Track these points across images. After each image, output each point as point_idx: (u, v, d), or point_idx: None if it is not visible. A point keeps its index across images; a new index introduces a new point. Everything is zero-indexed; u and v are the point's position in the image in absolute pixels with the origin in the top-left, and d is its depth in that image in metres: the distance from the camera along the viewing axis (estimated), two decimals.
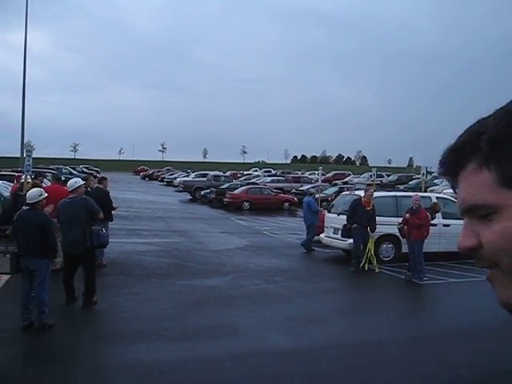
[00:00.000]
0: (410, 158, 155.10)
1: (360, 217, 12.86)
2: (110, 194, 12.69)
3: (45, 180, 16.92)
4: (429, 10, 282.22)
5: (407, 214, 12.24)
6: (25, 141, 22.49)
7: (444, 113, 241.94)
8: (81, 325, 7.98)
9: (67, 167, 51.11)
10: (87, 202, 9.02)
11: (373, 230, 13.05)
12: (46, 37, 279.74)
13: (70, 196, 9.10)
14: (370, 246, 13.00)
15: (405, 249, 13.67)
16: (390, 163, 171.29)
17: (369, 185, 19.69)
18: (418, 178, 43.07)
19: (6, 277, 9.67)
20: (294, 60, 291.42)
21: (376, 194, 15.10)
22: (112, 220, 12.35)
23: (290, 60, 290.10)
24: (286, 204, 32.47)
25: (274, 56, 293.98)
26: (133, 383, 5.83)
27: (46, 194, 8.07)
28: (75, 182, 9.30)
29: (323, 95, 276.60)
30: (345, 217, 13.81)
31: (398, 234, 13.72)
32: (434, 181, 52.48)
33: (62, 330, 7.55)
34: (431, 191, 34.88)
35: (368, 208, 12.92)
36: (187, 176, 53.53)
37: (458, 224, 14.35)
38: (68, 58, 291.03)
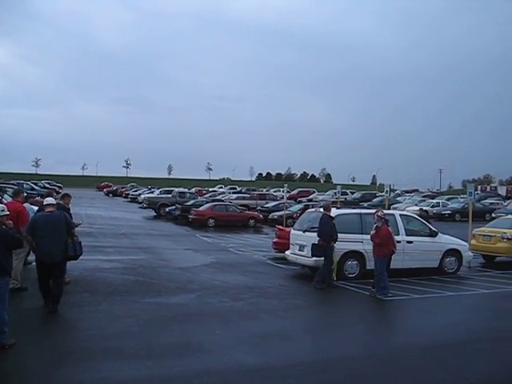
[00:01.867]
0: (374, 175, 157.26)
1: (335, 233, 13.04)
2: (72, 211, 12.47)
3: (5, 196, 16.58)
4: (389, 29, 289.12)
5: (371, 231, 12.43)
6: None
7: (405, 131, 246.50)
8: (43, 344, 7.76)
9: (29, 182, 50.13)
10: (66, 216, 9.86)
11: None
12: (8, 48, 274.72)
13: (48, 210, 9.68)
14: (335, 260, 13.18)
15: (370, 265, 13.85)
16: (353, 181, 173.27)
17: (333, 202, 19.85)
18: (382, 196, 43.89)
19: None
20: (264, 79, 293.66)
21: (341, 211, 15.30)
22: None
23: (260, 79, 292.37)
24: (252, 221, 32.55)
25: (244, 75, 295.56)
26: None
27: (8, 212, 7.88)
28: (52, 199, 10.13)
29: (290, 114, 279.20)
30: (311, 234, 13.90)
31: (363, 251, 13.93)
32: (397, 198, 53.55)
33: (22, 349, 7.33)
34: (394, 208, 35.59)
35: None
36: (151, 193, 53.13)
37: (420, 241, 14.72)
38: (31, 70, 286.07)
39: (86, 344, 7.78)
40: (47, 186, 60.44)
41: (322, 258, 13.14)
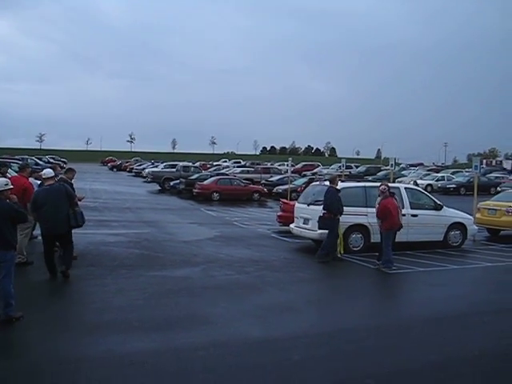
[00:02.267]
0: (378, 149, 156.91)
1: (342, 206, 13.04)
2: (77, 186, 12.47)
3: (10, 170, 16.56)
4: (404, 6, 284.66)
5: (376, 205, 12.42)
6: None
7: (411, 107, 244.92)
8: (49, 317, 7.81)
9: (33, 158, 50.15)
10: (66, 188, 10.11)
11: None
12: (11, 23, 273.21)
13: (47, 183, 9.91)
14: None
15: (374, 239, 13.86)
16: (358, 155, 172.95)
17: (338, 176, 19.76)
18: (387, 169, 43.72)
19: None
20: (267, 51, 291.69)
21: (345, 184, 15.25)
22: None
23: (263, 51, 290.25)
24: (256, 195, 32.54)
25: (246, 47, 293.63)
26: (103, 374, 5.73)
27: (12, 186, 7.86)
28: (49, 171, 10.24)
29: (294, 87, 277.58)
30: (316, 207, 13.89)
31: (368, 224, 13.93)
32: (402, 172, 53.39)
33: (29, 322, 7.38)
34: (400, 182, 35.49)
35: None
36: (154, 167, 53.06)
37: (425, 214, 14.68)
38: (35, 45, 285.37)
39: (91, 317, 7.82)
40: (51, 161, 60.48)
41: (327, 231, 13.16)
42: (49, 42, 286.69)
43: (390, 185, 13.51)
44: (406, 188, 15.59)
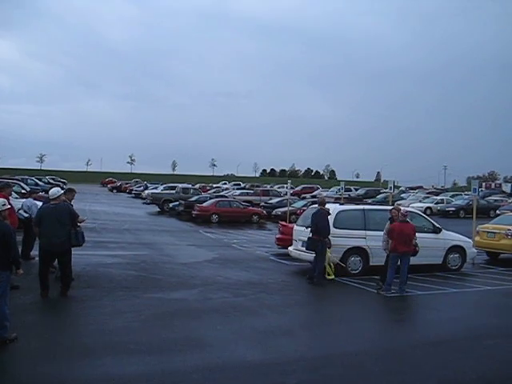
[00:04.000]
0: (378, 172, 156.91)
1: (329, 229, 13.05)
2: (77, 207, 12.46)
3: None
4: (407, 32, 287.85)
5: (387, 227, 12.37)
6: None
7: (412, 130, 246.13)
8: (44, 338, 7.73)
9: (33, 178, 50.16)
10: (70, 207, 10.57)
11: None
12: (14, 44, 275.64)
13: (53, 202, 10.22)
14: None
15: (373, 261, 13.81)
16: (357, 177, 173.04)
17: (337, 198, 19.81)
18: (386, 192, 43.73)
19: None
20: (269, 75, 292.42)
21: (344, 207, 15.26)
22: None
23: (265, 75, 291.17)
24: (255, 217, 32.51)
25: (249, 71, 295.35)
26: None
27: (9, 206, 7.86)
28: (57, 190, 10.60)
29: (295, 110, 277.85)
30: None
31: (366, 247, 13.88)
32: (402, 195, 53.40)
33: (23, 344, 7.31)
34: (398, 205, 35.47)
35: None
36: (146, 189, 53.07)
37: (424, 237, 14.61)
38: (36, 66, 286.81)
39: (87, 339, 7.76)
40: (51, 181, 60.49)
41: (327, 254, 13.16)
42: (53, 64, 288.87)
43: (388, 208, 13.53)
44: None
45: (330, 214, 13.35)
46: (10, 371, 6.66)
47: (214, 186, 71.39)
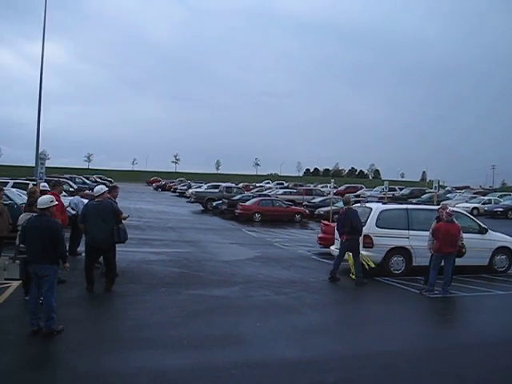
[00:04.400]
0: (423, 171, 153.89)
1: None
2: (122, 205, 12.76)
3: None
4: (441, 22, 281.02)
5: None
6: (40, 150, 22.72)
7: (458, 126, 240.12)
8: (89, 331, 7.96)
9: (81, 177, 51.49)
10: (113, 204, 10.77)
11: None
12: (65, 48, 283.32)
13: (97, 199, 10.55)
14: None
15: (416, 262, 13.62)
16: (402, 177, 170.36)
17: (380, 198, 19.57)
18: (431, 192, 42.95)
19: (16, 283, 9.73)
20: (312, 74, 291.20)
21: (386, 206, 15.08)
22: None
23: (308, 74, 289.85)
24: (298, 216, 32.45)
25: (291, 70, 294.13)
26: None
27: (57, 203, 8.14)
28: (101, 188, 10.89)
29: (338, 108, 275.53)
30: None
31: (409, 247, 13.69)
32: (447, 195, 52.30)
33: (69, 335, 7.56)
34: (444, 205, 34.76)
35: None
36: (188, 188, 53.61)
37: (469, 238, 14.27)
38: (86, 68, 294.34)
39: (128, 333, 7.96)
40: (98, 180, 61.92)
41: (369, 253, 13.17)
42: (101, 66, 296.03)
43: (432, 207, 13.31)
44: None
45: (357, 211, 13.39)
46: (54, 361, 6.93)
47: (257, 185, 71.66)
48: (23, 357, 6.86)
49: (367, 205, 15.66)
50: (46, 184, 11.94)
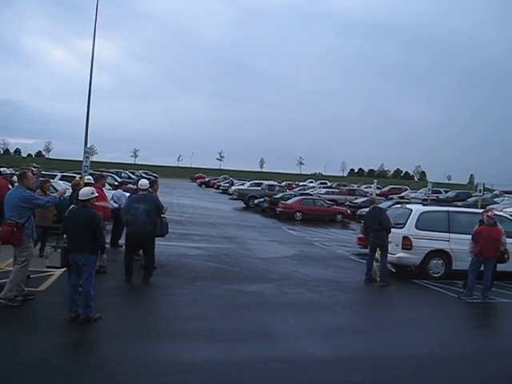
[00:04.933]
0: (471, 175, 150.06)
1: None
2: (166, 200, 13.03)
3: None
4: (498, 22, 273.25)
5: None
6: (89, 145, 23.41)
7: (508, 129, 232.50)
8: (124, 320, 8.19)
9: (126, 172, 52.56)
10: (156, 198, 11.15)
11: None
12: (116, 45, 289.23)
13: (141, 193, 11.00)
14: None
15: (456, 266, 13.38)
16: (449, 179, 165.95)
17: (424, 200, 19.28)
18: (477, 195, 41.91)
19: (59, 271, 10.06)
20: (358, 73, 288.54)
21: (427, 208, 14.88)
22: None
23: (355, 73, 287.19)
24: (339, 216, 32.31)
25: (338, 68, 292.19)
26: (166, 379, 5.96)
27: (97, 194, 8.41)
28: (146, 182, 11.44)
29: (386, 109, 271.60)
30: (396, 230, 13.60)
31: (449, 250, 13.46)
32: (495, 199, 50.88)
33: (106, 323, 7.79)
34: (491, 209, 33.86)
35: None
36: (231, 184, 53.90)
37: None
38: (136, 65, 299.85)
39: (163, 324, 8.14)
40: (143, 175, 62.98)
41: (407, 255, 13.01)
42: (150, 63, 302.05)
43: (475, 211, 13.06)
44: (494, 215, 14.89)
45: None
46: (89, 347, 7.18)
47: (301, 184, 71.45)
48: (61, 342, 7.12)
49: (407, 206, 15.46)
50: (90, 177, 12.32)
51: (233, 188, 49.92)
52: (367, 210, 14.26)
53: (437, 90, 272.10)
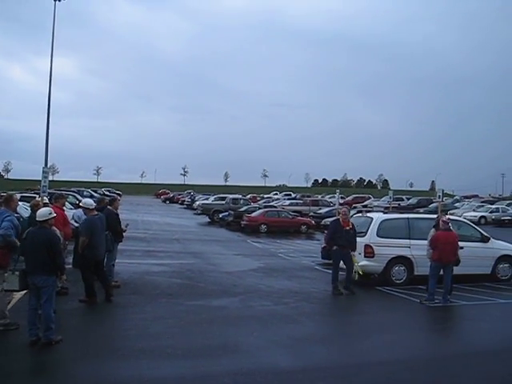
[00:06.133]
0: (433, 181, 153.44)
1: (339, 238, 12.80)
2: (129, 217, 12.93)
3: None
4: (454, 32, 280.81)
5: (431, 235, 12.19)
6: (49, 164, 23.06)
7: (469, 136, 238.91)
8: (87, 341, 8.06)
9: (89, 190, 51.85)
10: (105, 217, 11.13)
11: (354, 249, 12.98)
12: (73, 62, 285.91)
13: (91, 213, 10.85)
14: (355, 264, 13.01)
15: (418, 271, 13.62)
16: (411, 186, 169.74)
17: (386, 208, 19.59)
18: (437, 201, 42.78)
19: (18, 295, 9.85)
20: (319, 85, 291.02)
21: (387, 216, 15.14)
22: (121, 241, 12.46)
23: (316, 85, 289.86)
24: (304, 227, 32.51)
25: (299, 81, 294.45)
26: None
27: (55, 214, 8.30)
28: (90, 201, 11.57)
29: (346, 119, 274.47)
30: (359, 239, 13.77)
31: (411, 256, 13.70)
32: (455, 204, 52.12)
33: (67, 345, 7.67)
34: (451, 214, 34.68)
35: (347, 228, 12.87)
36: (205, 199, 53.78)
37: (471, 246, 14.28)
38: (95, 82, 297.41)
39: (127, 343, 8.05)
40: (106, 193, 62.19)
41: (370, 263, 13.29)
42: (109, 80, 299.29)
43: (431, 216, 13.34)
44: (452, 219, 15.25)
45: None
46: (52, 370, 7.04)
47: (265, 196, 71.71)
48: (22, 366, 6.98)
49: (368, 215, 15.72)
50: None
51: (197, 203, 49.75)
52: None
53: (391, 97, 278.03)
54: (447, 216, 13.13)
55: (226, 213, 37.10)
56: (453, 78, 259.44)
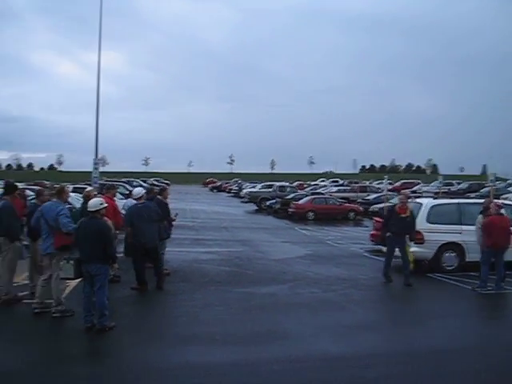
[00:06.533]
0: (484, 165, 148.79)
1: (393, 225, 12.38)
2: (177, 206, 13.14)
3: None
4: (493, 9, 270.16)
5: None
6: (99, 156, 23.65)
7: None
8: (138, 327, 8.28)
9: (138, 180, 52.78)
10: (154, 205, 11.33)
11: (411, 238, 12.50)
12: (122, 55, 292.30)
13: (140, 201, 11.07)
14: (408, 253, 12.52)
15: (470, 258, 13.30)
16: (462, 171, 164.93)
17: (436, 193, 19.18)
18: (490, 186, 41.49)
19: (73, 283, 10.17)
20: (366, 70, 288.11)
21: (437, 201, 14.81)
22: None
23: (363, 70, 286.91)
24: (352, 214, 32.23)
25: (346, 66, 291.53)
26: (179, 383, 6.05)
27: (106, 204, 8.51)
28: (139, 190, 11.70)
29: (395, 104, 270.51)
30: None
31: (462, 242, 13.38)
32: (508, 188, 50.43)
33: (120, 331, 7.89)
34: (504, 199, 33.62)
35: (403, 215, 12.37)
36: (253, 187, 53.91)
37: None
38: (143, 75, 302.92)
39: (177, 329, 8.22)
40: (155, 183, 63.20)
41: (420, 249, 13.09)
42: (156, 71, 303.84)
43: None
44: (505, 204, 14.80)
45: None
46: (106, 355, 7.27)
47: (312, 183, 71.36)
48: (77, 351, 7.23)
49: (418, 200, 15.41)
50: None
51: (244, 191, 50.00)
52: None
53: (438, 79, 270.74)
54: (499, 201, 12.69)
55: (273, 200, 37.17)
56: (501, 55, 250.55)
